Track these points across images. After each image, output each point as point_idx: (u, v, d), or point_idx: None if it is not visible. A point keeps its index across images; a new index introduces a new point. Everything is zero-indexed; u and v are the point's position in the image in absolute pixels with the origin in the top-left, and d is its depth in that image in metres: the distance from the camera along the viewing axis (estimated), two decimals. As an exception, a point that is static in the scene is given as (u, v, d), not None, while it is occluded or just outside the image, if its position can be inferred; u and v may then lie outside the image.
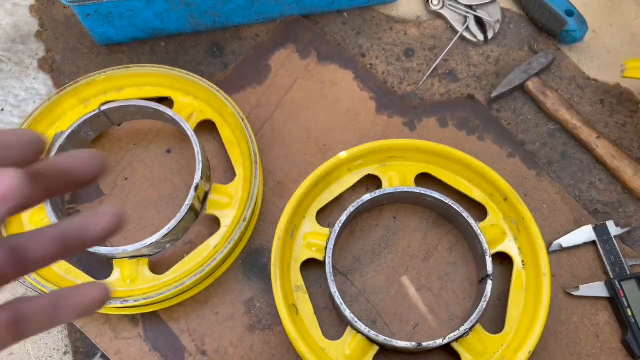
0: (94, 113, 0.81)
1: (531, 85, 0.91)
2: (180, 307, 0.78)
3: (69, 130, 0.79)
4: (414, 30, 0.97)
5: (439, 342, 0.71)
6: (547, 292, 0.73)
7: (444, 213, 0.82)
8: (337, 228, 0.76)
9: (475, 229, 0.76)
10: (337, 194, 0.81)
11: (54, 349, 0.78)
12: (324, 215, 0.83)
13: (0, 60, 0.93)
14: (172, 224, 0.73)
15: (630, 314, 0.76)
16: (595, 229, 0.81)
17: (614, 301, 0.78)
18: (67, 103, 0.84)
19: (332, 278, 0.74)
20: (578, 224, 0.83)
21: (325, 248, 0.76)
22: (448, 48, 0.95)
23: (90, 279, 0.76)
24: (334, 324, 0.77)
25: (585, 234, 0.81)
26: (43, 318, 0.34)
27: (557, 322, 0.78)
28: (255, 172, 0.78)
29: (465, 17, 0.96)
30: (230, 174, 0.85)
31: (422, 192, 0.78)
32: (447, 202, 0.77)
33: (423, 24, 0.98)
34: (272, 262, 0.74)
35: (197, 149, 0.77)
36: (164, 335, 0.77)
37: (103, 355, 0.77)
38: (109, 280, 0.76)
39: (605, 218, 0.84)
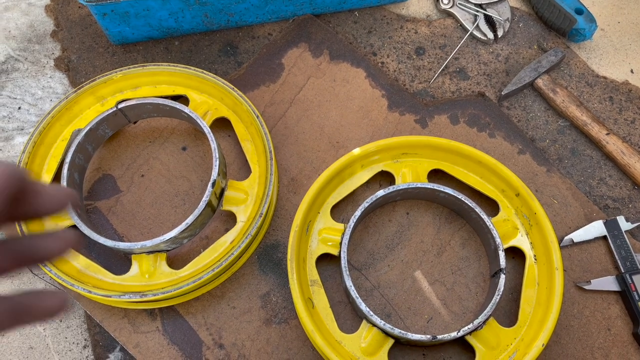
0: (111, 111, 0.82)
1: (541, 82, 0.92)
2: (198, 302, 0.79)
3: (87, 128, 0.81)
4: (425, 29, 0.98)
5: (454, 334, 0.72)
6: (559, 286, 0.74)
7: (457, 209, 0.83)
8: (351, 223, 0.77)
9: (487, 224, 0.77)
10: (350, 190, 0.82)
11: (73, 342, 0.79)
12: (338, 211, 0.84)
13: (16, 59, 0.95)
14: (190, 219, 0.75)
15: (641, 307, 0.77)
16: (605, 224, 0.82)
17: (625, 295, 0.79)
18: (84, 101, 0.85)
19: (347, 272, 0.75)
20: (589, 219, 0.84)
21: (340, 243, 0.77)
22: (458, 46, 0.96)
23: (110, 273, 0.77)
24: (349, 317, 0.79)
25: (596, 229, 0.82)
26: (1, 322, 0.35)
27: (569, 315, 0.79)
28: (271, 169, 0.79)
29: (475, 16, 0.97)
30: (245, 171, 0.86)
31: (435, 188, 0.79)
32: (459, 197, 0.78)
33: (433, 22, 0.99)
34: (289, 257, 0.75)
35: (213, 145, 0.78)
36: (181, 329, 0.78)
37: (122, 349, 0.79)
38: (127, 275, 0.77)
39: (616, 213, 0.85)
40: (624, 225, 0.82)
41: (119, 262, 0.81)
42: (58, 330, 0.80)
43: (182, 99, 0.88)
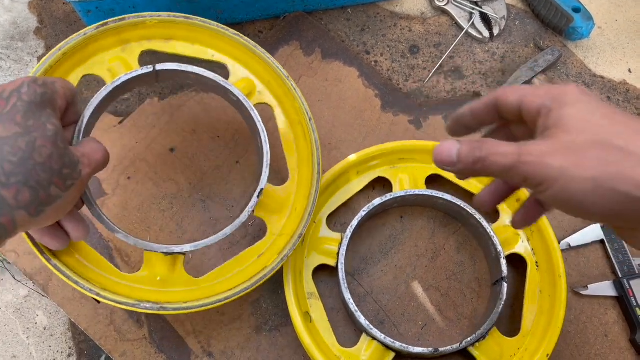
0: (147, 70, 0.68)
1: (537, 82, 0.90)
2: (187, 309, 0.77)
3: (113, 86, 0.67)
4: (419, 27, 0.96)
5: (456, 346, 0.70)
6: (563, 293, 0.72)
7: (454, 214, 0.81)
8: (348, 233, 0.75)
9: (488, 230, 0.75)
10: (346, 198, 0.80)
11: (57, 351, 0.77)
12: (334, 220, 0.82)
13: (-2, 56, 0.92)
14: (228, 230, 0.66)
15: (639, 313, 0.76)
16: (603, 227, 0.81)
17: (623, 300, 0.77)
18: (104, 41, 0.71)
19: (346, 285, 0.72)
20: (586, 223, 0.82)
21: (338, 254, 0.75)
22: (453, 45, 0.94)
23: (115, 269, 0.70)
24: (346, 329, 0.76)
25: (593, 232, 0.81)
26: None
27: (566, 321, 0.77)
28: (316, 185, 0.70)
29: (471, 14, 0.95)
30: (279, 174, 0.81)
31: (434, 194, 0.77)
32: (459, 204, 0.76)
33: (428, 20, 0.97)
34: (285, 271, 0.73)
35: (266, 148, 0.68)
36: (169, 337, 0.76)
37: (108, 358, 0.77)
38: (137, 275, 0.69)
39: (613, 217, 0.84)
40: (622, 229, 0.80)
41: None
42: (42, 339, 0.77)
43: (222, 68, 0.76)
